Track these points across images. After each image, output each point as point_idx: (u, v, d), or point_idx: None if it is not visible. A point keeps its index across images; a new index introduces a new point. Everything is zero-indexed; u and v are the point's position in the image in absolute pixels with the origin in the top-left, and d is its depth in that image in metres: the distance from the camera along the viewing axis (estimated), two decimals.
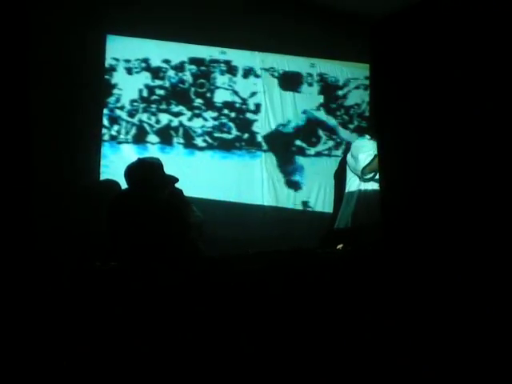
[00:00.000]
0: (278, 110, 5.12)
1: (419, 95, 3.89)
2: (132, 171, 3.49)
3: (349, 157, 4.23)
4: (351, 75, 5.33)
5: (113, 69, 4.70)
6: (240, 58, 5.04)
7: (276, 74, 5.14)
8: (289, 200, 5.10)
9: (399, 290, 2.81)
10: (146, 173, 3.46)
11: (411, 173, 3.65)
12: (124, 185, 3.55)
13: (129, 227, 3.22)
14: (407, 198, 3.46)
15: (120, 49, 4.70)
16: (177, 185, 3.63)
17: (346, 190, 4.24)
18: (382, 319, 2.76)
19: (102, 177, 4.45)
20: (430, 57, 3.60)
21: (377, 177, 3.98)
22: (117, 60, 4.70)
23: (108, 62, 4.69)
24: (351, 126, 5.34)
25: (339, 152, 5.25)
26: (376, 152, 3.95)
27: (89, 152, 4.38)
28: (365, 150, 4.09)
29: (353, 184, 4.17)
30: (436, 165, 3.44)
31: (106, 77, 4.67)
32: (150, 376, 2.59)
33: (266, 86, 5.10)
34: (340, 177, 4.61)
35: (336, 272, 2.94)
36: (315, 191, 5.16)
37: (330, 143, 5.27)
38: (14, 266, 2.77)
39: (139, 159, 3.56)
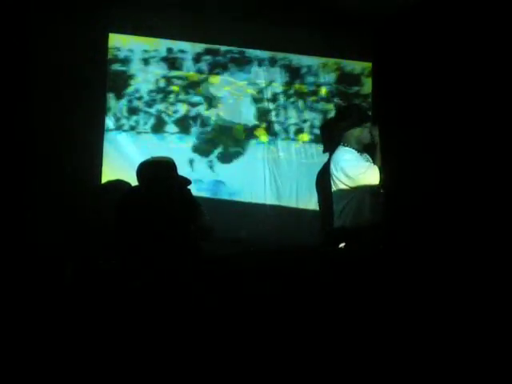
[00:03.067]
0: (287, 104, 5.09)
1: (421, 94, 3.82)
2: (144, 169, 3.49)
3: (339, 173, 3.90)
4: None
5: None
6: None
7: (284, 69, 5.10)
8: (291, 198, 5.05)
9: (403, 289, 2.78)
10: (158, 171, 3.46)
11: (414, 172, 3.59)
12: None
13: (136, 224, 3.24)
14: (410, 197, 3.41)
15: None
16: None
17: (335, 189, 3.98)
18: (384, 319, 2.75)
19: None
20: (433, 56, 3.51)
21: None
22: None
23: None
24: None
25: None
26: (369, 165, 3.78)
27: (91, 148, 4.41)
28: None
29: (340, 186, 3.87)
30: (439, 164, 3.37)
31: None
32: (152, 375, 2.62)
33: (275, 79, 5.08)
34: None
35: (338, 271, 2.93)
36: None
37: None
38: (17, 265, 2.83)
39: (152, 158, 3.57)
